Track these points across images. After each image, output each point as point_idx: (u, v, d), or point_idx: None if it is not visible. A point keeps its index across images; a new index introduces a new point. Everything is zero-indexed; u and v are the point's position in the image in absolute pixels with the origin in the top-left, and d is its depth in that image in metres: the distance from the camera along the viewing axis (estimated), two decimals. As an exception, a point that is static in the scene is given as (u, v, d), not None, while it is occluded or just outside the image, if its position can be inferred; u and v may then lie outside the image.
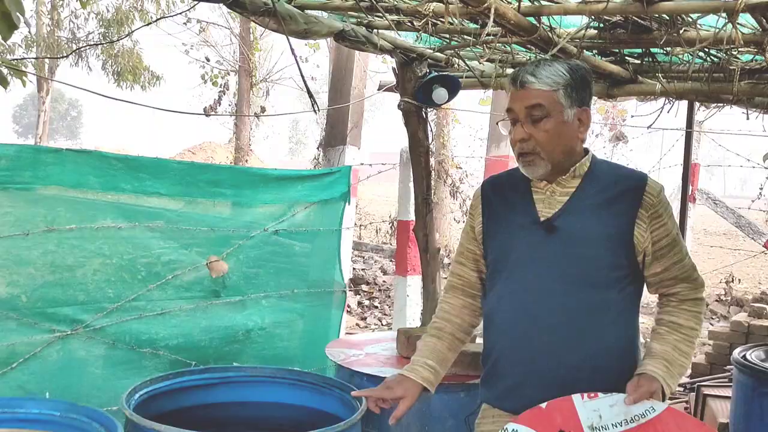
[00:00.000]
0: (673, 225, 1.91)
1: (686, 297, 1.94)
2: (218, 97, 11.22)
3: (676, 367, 1.87)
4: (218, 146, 17.12)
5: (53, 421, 1.70)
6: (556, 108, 1.87)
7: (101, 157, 2.85)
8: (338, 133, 4.73)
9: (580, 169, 1.93)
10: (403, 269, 4.40)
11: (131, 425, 1.79)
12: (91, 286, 2.82)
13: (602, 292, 1.88)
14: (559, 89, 1.87)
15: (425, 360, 2.01)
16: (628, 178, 1.94)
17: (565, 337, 1.87)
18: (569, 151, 1.92)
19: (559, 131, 1.89)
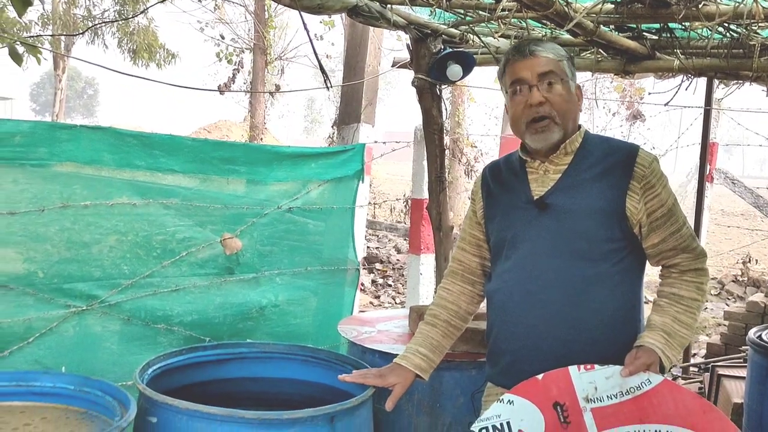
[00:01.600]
0: (667, 195, 1.90)
1: (687, 267, 1.93)
2: (232, 74, 11.21)
3: (676, 339, 1.87)
4: (233, 125, 17.15)
5: (67, 394, 1.72)
6: (565, 76, 1.93)
7: (116, 134, 2.85)
8: (352, 111, 4.70)
9: (571, 145, 1.95)
10: (416, 247, 4.40)
11: (144, 399, 1.81)
12: (106, 262, 2.84)
13: (596, 265, 1.88)
14: (563, 60, 1.93)
15: (418, 348, 2.05)
16: (619, 150, 1.93)
17: (559, 311, 1.88)
18: (575, 120, 1.96)
19: (570, 97, 1.94)
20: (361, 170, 3.75)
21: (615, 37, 2.70)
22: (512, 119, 1.97)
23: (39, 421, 1.64)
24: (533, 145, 1.95)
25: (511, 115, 1.97)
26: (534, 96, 1.89)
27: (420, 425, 2.28)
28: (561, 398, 1.78)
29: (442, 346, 2.09)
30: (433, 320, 2.11)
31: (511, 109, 1.96)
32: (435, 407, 2.27)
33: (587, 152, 1.94)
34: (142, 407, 1.85)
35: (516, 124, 1.95)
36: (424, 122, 3.01)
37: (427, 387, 2.22)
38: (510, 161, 2.08)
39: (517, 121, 1.94)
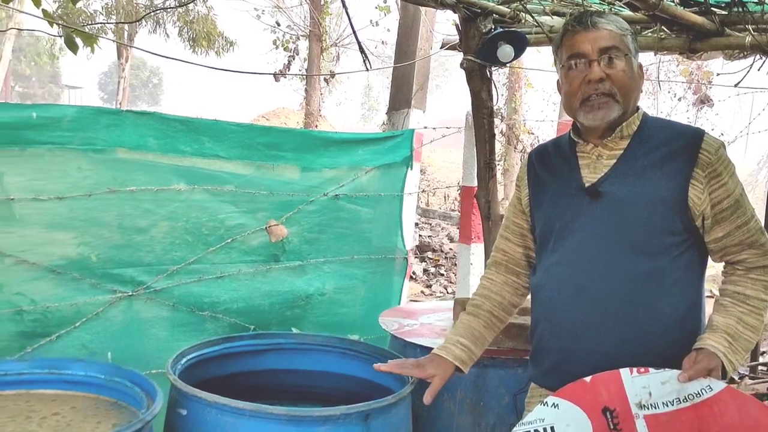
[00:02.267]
0: (735, 185, 1.75)
1: (754, 265, 1.76)
2: (288, 61, 11.23)
3: (740, 342, 1.70)
4: (291, 112, 17.28)
5: (98, 383, 1.70)
6: (628, 51, 1.78)
7: (161, 119, 2.84)
8: (403, 97, 4.61)
9: (628, 128, 1.80)
10: (467, 237, 4.28)
11: (175, 390, 1.77)
12: (152, 248, 2.83)
13: (653, 260, 1.73)
14: (627, 34, 1.78)
15: (458, 338, 1.94)
16: (682, 135, 1.77)
17: (610, 309, 1.74)
18: (636, 101, 1.82)
19: (632, 74, 1.79)
20: (409, 157, 3.66)
21: (680, 11, 2.51)
22: (566, 96, 1.82)
23: (68, 410, 1.62)
24: (588, 124, 1.80)
25: (564, 92, 1.83)
26: (594, 71, 1.75)
27: (462, 424, 2.19)
28: (611, 403, 1.64)
29: (484, 338, 1.97)
30: (475, 310, 1.99)
31: (566, 84, 1.81)
32: (478, 406, 2.17)
33: (646, 136, 1.79)
34: (173, 398, 1.81)
35: (569, 101, 1.81)
36: (473, 106, 2.90)
37: (471, 384, 2.12)
38: (559, 145, 1.94)
39: (572, 98, 1.80)
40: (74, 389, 1.71)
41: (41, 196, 2.52)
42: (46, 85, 44.84)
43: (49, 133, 2.53)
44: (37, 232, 2.58)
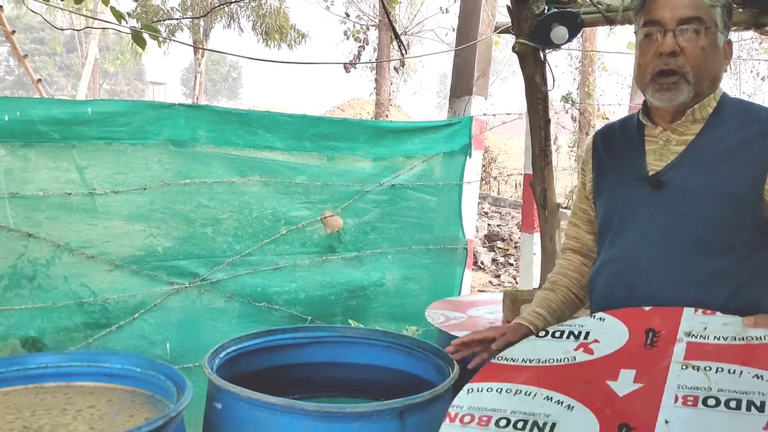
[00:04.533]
0: None
1: None
2: (358, 52, 11.24)
3: None
4: (366, 102, 17.35)
5: (135, 377, 1.72)
6: (714, 26, 1.59)
7: (213, 112, 2.87)
8: (464, 83, 4.51)
9: (702, 111, 1.61)
10: (529, 226, 4.16)
11: (211, 384, 1.78)
12: (210, 240, 2.87)
13: (719, 260, 1.54)
14: (717, 6, 1.59)
15: (534, 308, 1.81)
16: (761, 120, 1.56)
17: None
18: (715, 82, 1.63)
19: (713, 52, 1.60)
20: (468, 144, 3.58)
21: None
22: (637, 68, 1.65)
23: (104, 403, 1.64)
24: (656, 103, 1.63)
25: (637, 63, 1.65)
26: (667, 43, 1.57)
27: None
28: (659, 327, 1.51)
29: (561, 312, 1.81)
30: (551, 286, 1.86)
31: (638, 55, 1.64)
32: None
33: (722, 120, 1.60)
34: (210, 392, 1.82)
35: (641, 74, 1.64)
36: (527, 91, 2.78)
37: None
38: (627, 125, 1.77)
39: (643, 71, 1.63)
40: (112, 382, 1.74)
41: (98, 190, 2.58)
42: (132, 81, 46.65)
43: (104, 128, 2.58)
44: (111, 225, 2.66)
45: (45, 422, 1.48)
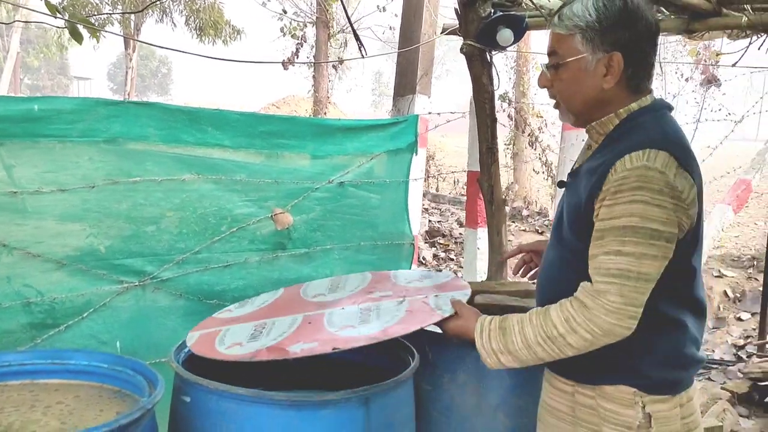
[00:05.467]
0: (626, 213, 1.56)
1: (577, 293, 1.65)
2: (296, 49, 11.21)
3: (507, 338, 1.70)
4: (301, 99, 17.27)
5: (102, 372, 1.73)
6: (572, 55, 1.68)
7: (163, 109, 2.85)
8: (408, 82, 4.60)
9: (601, 127, 1.74)
10: (473, 221, 4.28)
11: (178, 378, 1.80)
12: (157, 238, 2.85)
13: (565, 252, 1.78)
14: (575, 34, 1.67)
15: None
16: (626, 144, 1.63)
17: (539, 286, 1.90)
18: (593, 103, 1.72)
19: (575, 81, 1.71)
20: (414, 142, 3.66)
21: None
22: None
23: (72, 399, 1.64)
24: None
25: None
26: (539, 80, 1.76)
27: (464, 406, 2.20)
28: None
29: None
30: None
31: None
32: (480, 387, 2.19)
33: (613, 140, 1.70)
34: (177, 386, 1.84)
35: None
36: (474, 91, 2.89)
37: (473, 366, 2.13)
38: None
39: None
40: (77, 378, 1.73)
41: (44, 189, 2.54)
42: (55, 76, 45.02)
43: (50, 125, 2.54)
44: (45, 224, 2.61)
45: (15, 419, 1.48)
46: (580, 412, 1.77)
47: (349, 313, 1.98)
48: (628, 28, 1.65)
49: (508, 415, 2.21)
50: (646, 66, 1.71)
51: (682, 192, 1.57)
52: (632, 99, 1.71)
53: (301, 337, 1.83)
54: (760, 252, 7.91)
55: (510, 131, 10.90)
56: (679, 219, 1.58)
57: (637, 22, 1.66)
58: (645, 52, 1.69)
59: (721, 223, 7.50)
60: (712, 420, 4.04)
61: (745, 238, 9.42)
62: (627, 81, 1.69)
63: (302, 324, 1.95)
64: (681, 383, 1.73)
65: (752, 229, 9.82)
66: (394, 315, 1.88)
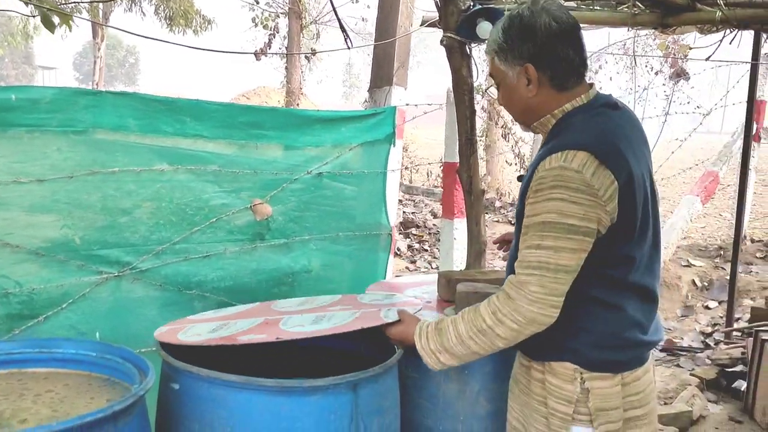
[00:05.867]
0: (544, 210, 1.69)
1: (503, 286, 1.78)
2: (268, 40, 11.13)
3: (443, 337, 1.82)
4: (272, 90, 17.16)
5: (90, 361, 1.73)
6: (500, 74, 1.88)
7: (141, 100, 2.83)
8: (384, 74, 4.62)
9: (542, 127, 1.88)
10: (449, 212, 4.33)
11: (166, 366, 1.81)
12: (136, 229, 2.84)
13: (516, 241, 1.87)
14: (495, 56, 1.86)
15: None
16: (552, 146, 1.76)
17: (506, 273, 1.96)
18: (528, 110, 1.88)
19: (510, 96, 1.90)
20: (392, 134, 3.68)
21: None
22: None
23: (61, 387, 1.64)
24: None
25: None
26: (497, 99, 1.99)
27: (448, 392, 2.25)
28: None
29: None
30: None
31: None
32: (463, 374, 2.23)
33: (554, 135, 1.82)
34: (165, 374, 1.85)
35: None
36: (454, 83, 2.92)
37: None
38: None
39: None
40: (66, 367, 1.73)
41: (22, 179, 2.51)
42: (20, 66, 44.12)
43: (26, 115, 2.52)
44: (19, 215, 2.58)
45: (5, 407, 1.47)
46: (533, 386, 1.90)
47: (305, 318, 2.08)
48: (528, 39, 1.79)
49: (489, 399, 2.26)
50: (563, 65, 1.81)
51: (599, 189, 1.67)
52: (565, 97, 1.82)
53: (254, 331, 1.93)
54: (726, 242, 8.08)
55: (483, 123, 10.99)
56: (597, 215, 1.68)
57: (535, 32, 1.78)
58: (556, 54, 1.80)
59: (689, 214, 7.65)
60: (682, 405, 4.14)
61: (711, 228, 9.62)
62: (550, 83, 1.82)
63: (260, 323, 2.05)
64: (622, 364, 1.84)
65: (719, 220, 10.03)
66: (344, 320, 1.98)
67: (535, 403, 1.89)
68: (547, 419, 1.84)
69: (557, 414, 1.82)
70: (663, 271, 7.21)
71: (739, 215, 5.62)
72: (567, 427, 1.81)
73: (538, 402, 1.88)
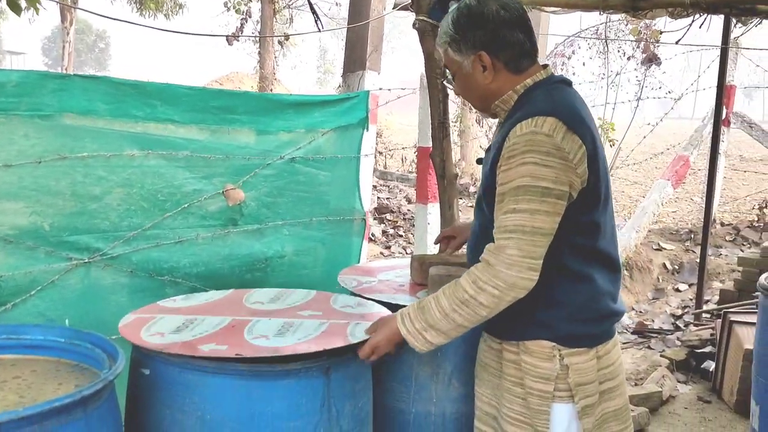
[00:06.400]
0: (518, 175, 1.71)
1: (482, 255, 1.78)
2: (240, 24, 11.01)
3: (427, 315, 1.80)
4: (245, 76, 16.99)
5: (59, 347, 1.71)
6: (454, 65, 1.91)
7: (110, 83, 2.79)
8: (357, 58, 4.59)
9: (503, 104, 1.90)
10: (423, 197, 4.33)
11: (137, 351, 1.80)
12: (107, 214, 2.81)
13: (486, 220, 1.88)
14: (448, 48, 1.90)
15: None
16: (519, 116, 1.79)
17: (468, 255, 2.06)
18: (486, 96, 1.92)
19: (467, 85, 1.93)
20: (365, 118, 3.67)
21: (624, -29, 2.57)
22: None
23: (29, 373, 1.62)
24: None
25: None
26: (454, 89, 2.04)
27: (421, 375, 2.26)
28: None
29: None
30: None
31: None
32: (436, 357, 2.24)
33: (513, 113, 1.86)
34: (135, 359, 1.84)
35: None
36: (427, 67, 2.92)
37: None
38: None
39: None
40: (34, 353, 1.71)
41: (-10, 165, 2.47)
42: (-13, 51, 43.18)
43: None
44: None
45: (-29, 395, 1.46)
46: (506, 367, 1.91)
47: (272, 324, 2.03)
48: (479, 27, 1.84)
49: (462, 381, 2.28)
50: (516, 49, 1.86)
51: (569, 153, 1.71)
52: (523, 78, 1.88)
53: (217, 338, 1.87)
54: (697, 226, 8.20)
55: (457, 108, 11.00)
56: (569, 178, 1.71)
57: (485, 19, 1.83)
58: (507, 39, 1.85)
59: (660, 198, 7.75)
60: (652, 386, 4.22)
61: (683, 212, 9.75)
62: (506, 68, 1.87)
63: (226, 326, 2.00)
64: (597, 337, 1.88)
65: (690, 204, 10.17)
66: (309, 333, 1.93)
67: (508, 385, 1.90)
68: (525, 399, 1.85)
69: (535, 393, 1.84)
70: (634, 254, 7.31)
71: (708, 199, 5.70)
72: (548, 404, 1.83)
73: (512, 383, 1.89)
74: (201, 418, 1.69)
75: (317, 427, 1.77)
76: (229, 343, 1.82)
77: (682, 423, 3.96)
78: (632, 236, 7.26)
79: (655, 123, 8.06)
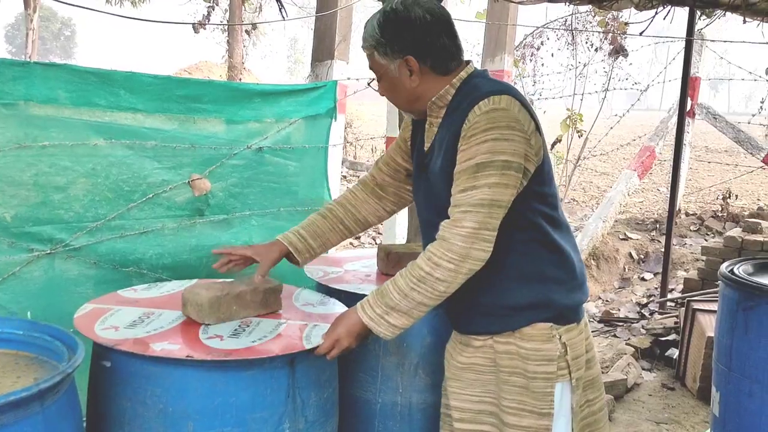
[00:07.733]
0: (478, 153, 1.73)
1: (437, 233, 1.78)
2: (207, 12, 10.87)
3: (387, 299, 1.78)
4: (214, 65, 16.84)
5: (17, 339, 1.67)
6: (381, 68, 1.91)
7: (72, 71, 2.73)
8: (325, 48, 4.56)
9: (440, 100, 1.90)
10: (392, 187, 4.32)
11: (97, 345, 1.77)
12: (69, 205, 2.76)
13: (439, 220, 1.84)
14: (374, 52, 1.90)
15: (299, 229, 2.17)
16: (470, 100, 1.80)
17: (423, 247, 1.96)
18: (413, 99, 1.92)
19: (393, 88, 1.94)
20: (333, 108, 3.65)
21: (590, -38, 2.58)
22: None
23: (-14, 367, 1.59)
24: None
25: None
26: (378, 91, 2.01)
27: (387, 365, 2.27)
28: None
29: (326, 238, 2.18)
30: (325, 212, 2.22)
31: None
32: (402, 347, 2.25)
33: (456, 106, 1.86)
34: (96, 352, 1.81)
35: None
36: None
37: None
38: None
39: None
40: (-8, 346, 1.68)
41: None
42: (-52, 38, 42.15)
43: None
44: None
45: (-75, 390, 1.42)
46: (501, 360, 1.90)
47: (228, 324, 1.99)
48: (406, 32, 1.85)
49: (428, 372, 2.29)
50: (442, 51, 1.88)
51: (524, 125, 1.76)
52: (450, 77, 1.90)
53: (170, 336, 1.84)
54: (662, 216, 8.33)
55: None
56: (525, 150, 1.75)
57: (412, 24, 1.85)
58: (434, 42, 1.87)
59: (626, 188, 7.85)
60: (617, 374, 4.28)
61: (648, 203, 9.90)
62: (432, 71, 1.89)
63: (181, 323, 1.97)
64: (580, 309, 1.95)
65: (655, 194, 10.33)
66: (264, 336, 1.89)
67: (505, 376, 1.89)
68: (527, 387, 1.86)
69: (540, 376, 1.85)
70: (601, 244, 7.40)
71: (673, 190, 5.79)
72: (551, 385, 1.86)
73: (508, 374, 1.88)
74: (163, 411, 1.67)
75: (282, 417, 1.76)
76: (181, 342, 1.79)
77: (647, 410, 4.04)
78: (599, 226, 7.35)
79: (622, 114, 8.16)
